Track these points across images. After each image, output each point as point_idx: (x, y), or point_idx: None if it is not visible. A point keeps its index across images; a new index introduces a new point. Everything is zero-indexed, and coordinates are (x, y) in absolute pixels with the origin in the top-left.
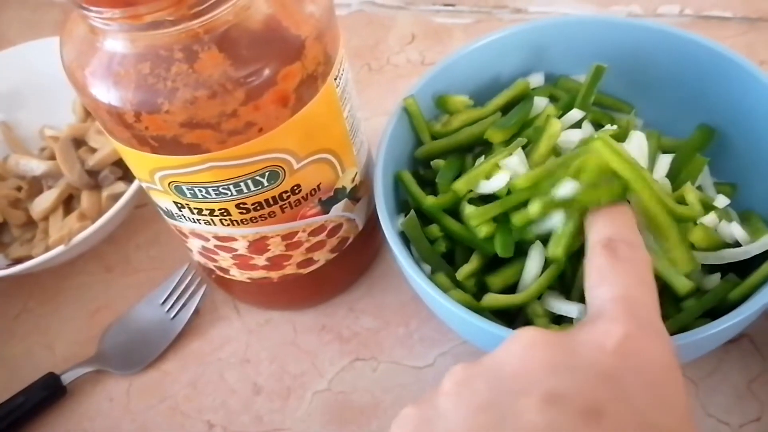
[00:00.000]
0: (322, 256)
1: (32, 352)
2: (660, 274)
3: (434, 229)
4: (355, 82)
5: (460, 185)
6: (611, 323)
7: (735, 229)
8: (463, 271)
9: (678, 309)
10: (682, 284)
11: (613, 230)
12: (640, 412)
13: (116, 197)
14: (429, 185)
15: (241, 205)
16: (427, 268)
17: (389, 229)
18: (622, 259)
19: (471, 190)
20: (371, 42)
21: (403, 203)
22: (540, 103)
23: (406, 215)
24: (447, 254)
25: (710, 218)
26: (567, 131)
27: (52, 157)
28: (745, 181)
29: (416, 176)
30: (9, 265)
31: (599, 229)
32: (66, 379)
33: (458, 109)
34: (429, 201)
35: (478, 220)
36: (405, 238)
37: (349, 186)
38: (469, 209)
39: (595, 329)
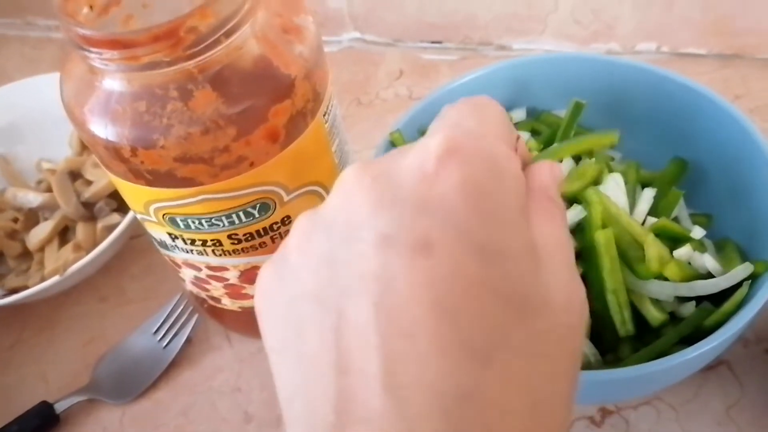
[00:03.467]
0: None
1: (26, 381)
2: (636, 306)
3: None
4: (345, 117)
5: None
6: (431, 137)
7: (708, 261)
8: None
9: (655, 337)
10: (654, 316)
11: None
12: (467, 232)
13: (111, 228)
14: None
15: (233, 236)
16: None
17: None
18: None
19: None
20: (361, 77)
21: None
22: (522, 137)
23: None
24: None
25: (685, 250)
26: None
27: (49, 190)
28: (721, 212)
29: None
30: (4, 296)
31: None
32: (59, 407)
33: None
34: None
35: None
36: None
37: None
38: None
39: (416, 148)
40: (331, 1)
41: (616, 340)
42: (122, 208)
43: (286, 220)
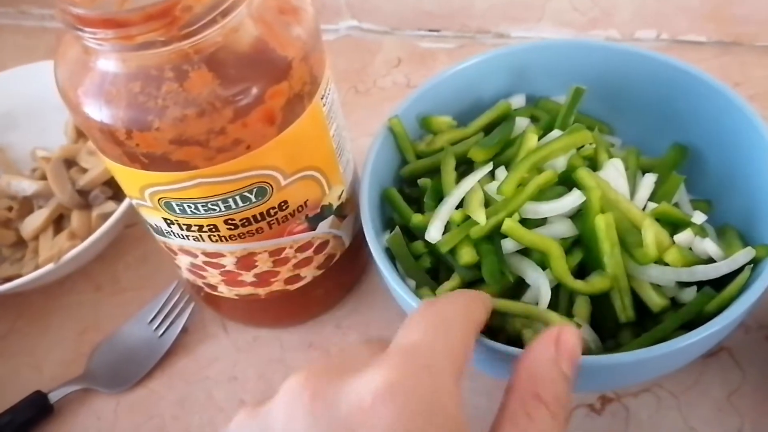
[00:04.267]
0: (309, 273)
1: (20, 371)
2: (637, 291)
3: (419, 245)
4: (343, 105)
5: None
6: (378, 370)
7: (708, 246)
8: (444, 288)
9: (656, 323)
10: (655, 302)
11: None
12: None
13: (106, 216)
14: (414, 203)
15: (230, 221)
16: (412, 283)
17: (375, 243)
18: (435, 303)
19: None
20: (358, 65)
21: (387, 221)
22: (521, 123)
23: (390, 232)
24: (432, 270)
25: (685, 236)
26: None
27: (44, 178)
28: (721, 197)
29: (401, 194)
30: None
31: None
32: (53, 397)
33: (442, 129)
34: (417, 218)
35: (447, 246)
36: (390, 255)
37: (335, 203)
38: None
39: (363, 377)
40: None
41: (617, 326)
42: (117, 196)
43: (283, 205)
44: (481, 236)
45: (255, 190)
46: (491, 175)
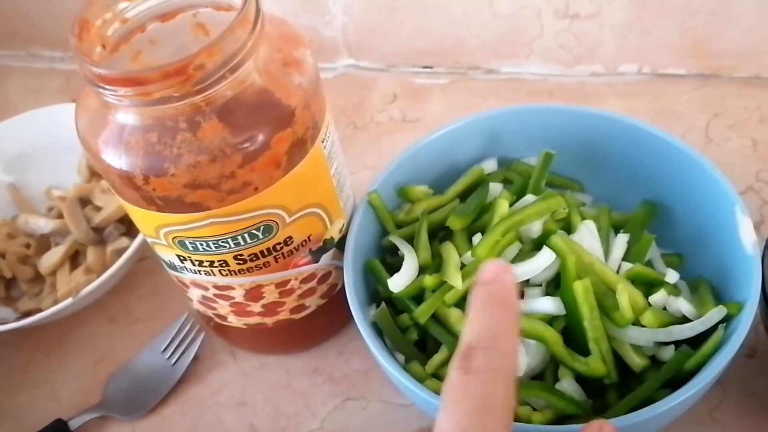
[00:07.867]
0: (313, 302)
1: (39, 401)
2: (618, 352)
3: (405, 318)
4: (341, 139)
5: (430, 281)
6: None
7: (682, 305)
8: (434, 362)
9: (638, 381)
10: (636, 363)
11: (480, 328)
12: None
13: (120, 252)
14: (396, 271)
15: (239, 257)
16: (401, 357)
17: (362, 320)
18: (474, 373)
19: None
20: (355, 101)
21: (372, 292)
22: (495, 188)
23: (377, 305)
24: (419, 341)
25: (660, 296)
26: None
27: (60, 216)
28: (692, 251)
29: (384, 264)
30: (18, 318)
31: (469, 327)
32: (73, 425)
33: (419, 197)
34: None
35: (424, 316)
36: (378, 329)
37: (336, 236)
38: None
39: None
40: (327, 30)
41: (602, 386)
42: (130, 232)
43: (289, 241)
44: (457, 300)
45: (262, 227)
46: (469, 243)
